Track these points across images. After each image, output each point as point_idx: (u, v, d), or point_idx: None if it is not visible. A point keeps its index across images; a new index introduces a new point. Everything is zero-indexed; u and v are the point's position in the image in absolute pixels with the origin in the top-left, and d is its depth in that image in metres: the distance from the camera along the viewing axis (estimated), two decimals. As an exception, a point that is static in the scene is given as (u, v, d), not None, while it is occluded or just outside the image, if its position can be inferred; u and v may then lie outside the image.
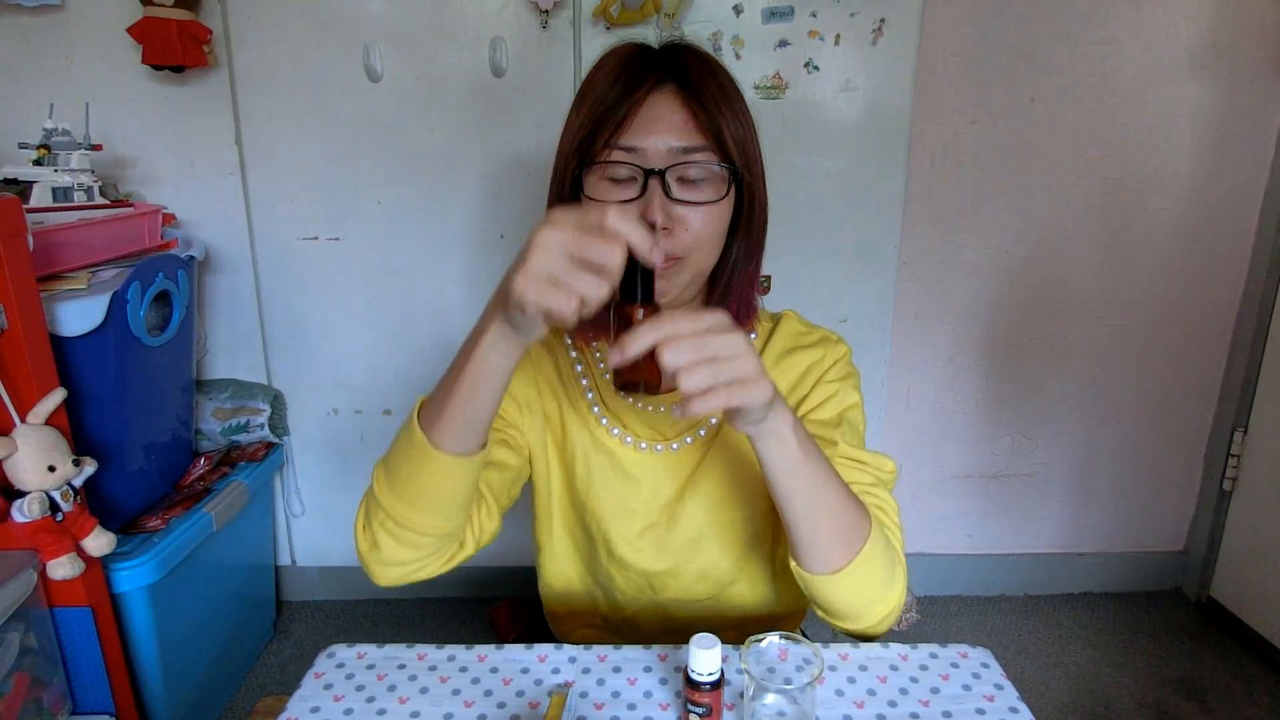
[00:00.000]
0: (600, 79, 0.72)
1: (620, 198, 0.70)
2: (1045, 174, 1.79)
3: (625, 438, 0.84)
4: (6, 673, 1.12)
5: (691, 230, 0.70)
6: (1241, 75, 1.74)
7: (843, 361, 0.83)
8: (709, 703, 0.64)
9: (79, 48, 1.62)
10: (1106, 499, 2.04)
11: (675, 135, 0.69)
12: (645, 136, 0.69)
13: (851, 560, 0.68)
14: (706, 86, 0.70)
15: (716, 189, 0.71)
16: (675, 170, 0.69)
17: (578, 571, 0.90)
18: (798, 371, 0.83)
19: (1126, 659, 1.83)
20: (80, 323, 1.25)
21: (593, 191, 0.72)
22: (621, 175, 0.70)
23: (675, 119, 0.69)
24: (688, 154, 0.69)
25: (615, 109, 0.69)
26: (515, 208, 1.75)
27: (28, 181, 1.37)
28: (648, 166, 0.69)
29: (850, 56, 1.65)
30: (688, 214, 0.70)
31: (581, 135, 0.71)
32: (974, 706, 0.70)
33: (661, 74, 0.71)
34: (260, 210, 1.75)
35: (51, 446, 1.15)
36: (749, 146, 0.73)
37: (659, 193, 0.69)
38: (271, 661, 1.83)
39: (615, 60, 0.72)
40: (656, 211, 0.68)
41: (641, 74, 0.70)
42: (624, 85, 0.70)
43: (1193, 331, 1.92)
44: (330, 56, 1.65)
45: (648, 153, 0.69)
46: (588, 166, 0.71)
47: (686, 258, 0.71)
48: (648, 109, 0.69)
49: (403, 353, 1.85)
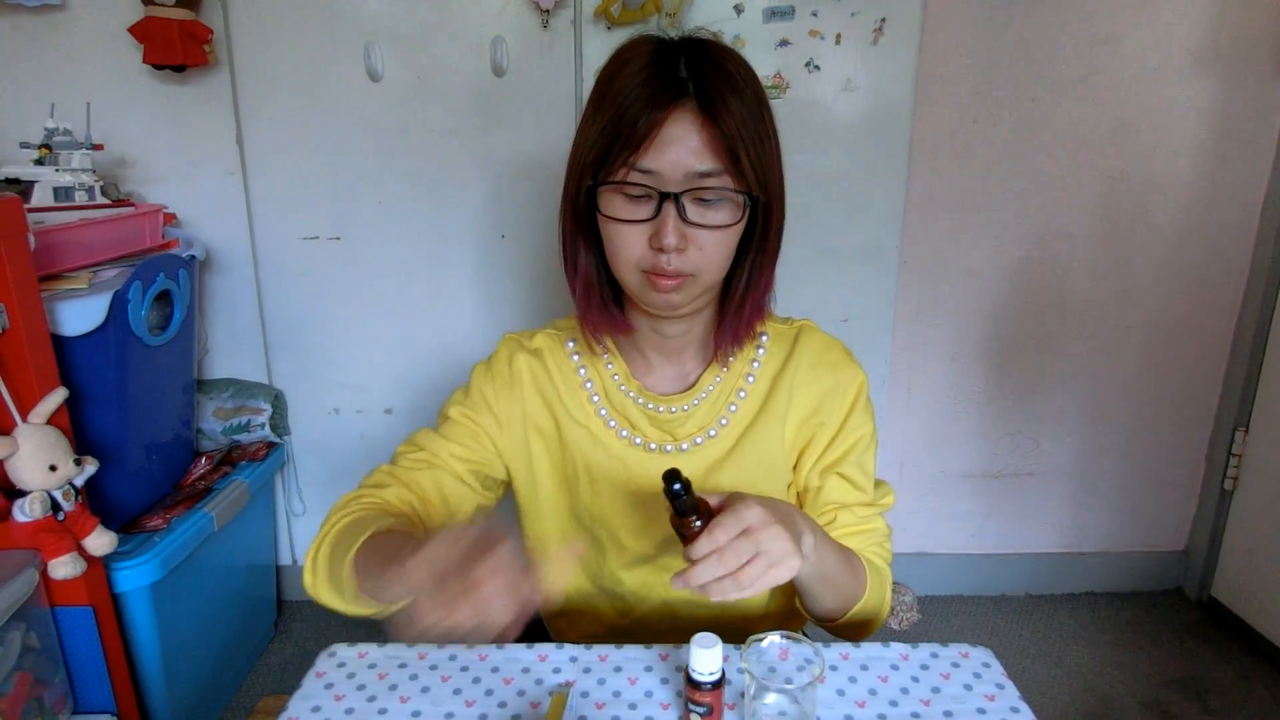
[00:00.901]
0: (621, 85, 0.69)
1: (635, 216, 0.71)
2: (1046, 173, 1.79)
3: (634, 439, 0.83)
4: (8, 672, 1.12)
5: (704, 250, 0.71)
6: (1242, 75, 1.74)
7: (864, 391, 0.85)
8: (710, 702, 0.64)
9: (80, 47, 1.62)
10: (1107, 499, 2.04)
11: (693, 157, 0.68)
12: (662, 159, 0.68)
13: (848, 611, 0.80)
14: (727, 105, 0.68)
15: (731, 213, 0.71)
16: (691, 194, 0.69)
17: (577, 584, 0.90)
18: (821, 392, 0.83)
19: (1127, 659, 1.83)
20: (81, 322, 1.25)
21: (607, 208, 0.72)
22: (637, 194, 0.70)
23: (693, 141, 0.68)
24: (703, 178, 0.69)
25: (635, 127, 0.68)
26: (516, 207, 1.75)
27: (29, 181, 1.37)
28: (664, 190, 0.69)
29: (851, 56, 1.64)
30: (700, 234, 0.70)
31: (598, 150, 0.71)
32: (975, 706, 0.70)
33: (682, 89, 0.69)
34: (261, 210, 1.75)
35: (53, 446, 1.15)
36: (768, 166, 0.72)
37: (673, 215, 0.69)
38: (272, 661, 1.83)
39: (637, 64, 0.70)
40: (670, 234, 0.69)
41: (662, 88, 0.68)
42: (645, 101, 0.68)
43: (1194, 330, 1.92)
44: (331, 56, 1.65)
45: (664, 176, 0.69)
46: (603, 186, 0.71)
47: (697, 276, 0.72)
48: (667, 130, 0.68)
49: (403, 352, 1.85)
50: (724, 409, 0.83)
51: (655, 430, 0.83)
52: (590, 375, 0.85)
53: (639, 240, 0.71)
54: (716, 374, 0.83)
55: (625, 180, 0.70)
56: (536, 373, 0.86)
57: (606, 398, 0.84)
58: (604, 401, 0.84)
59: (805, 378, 0.83)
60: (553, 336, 0.87)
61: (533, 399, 0.85)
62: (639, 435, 0.83)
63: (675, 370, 0.84)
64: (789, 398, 0.83)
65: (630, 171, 0.69)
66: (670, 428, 0.83)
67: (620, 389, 0.84)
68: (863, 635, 0.83)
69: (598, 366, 0.85)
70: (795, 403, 0.83)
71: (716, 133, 0.68)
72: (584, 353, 0.86)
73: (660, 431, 0.83)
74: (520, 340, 0.88)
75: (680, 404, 0.82)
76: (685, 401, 0.82)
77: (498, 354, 0.88)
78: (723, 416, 0.83)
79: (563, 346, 0.87)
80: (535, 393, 0.85)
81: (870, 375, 0.88)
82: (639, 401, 0.83)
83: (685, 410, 0.82)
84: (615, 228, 0.72)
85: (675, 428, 0.83)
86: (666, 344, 0.82)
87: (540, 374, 0.86)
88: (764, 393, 0.83)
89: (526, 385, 0.85)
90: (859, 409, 0.83)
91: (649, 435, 0.83)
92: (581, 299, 0.80)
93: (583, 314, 0.81)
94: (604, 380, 0.85)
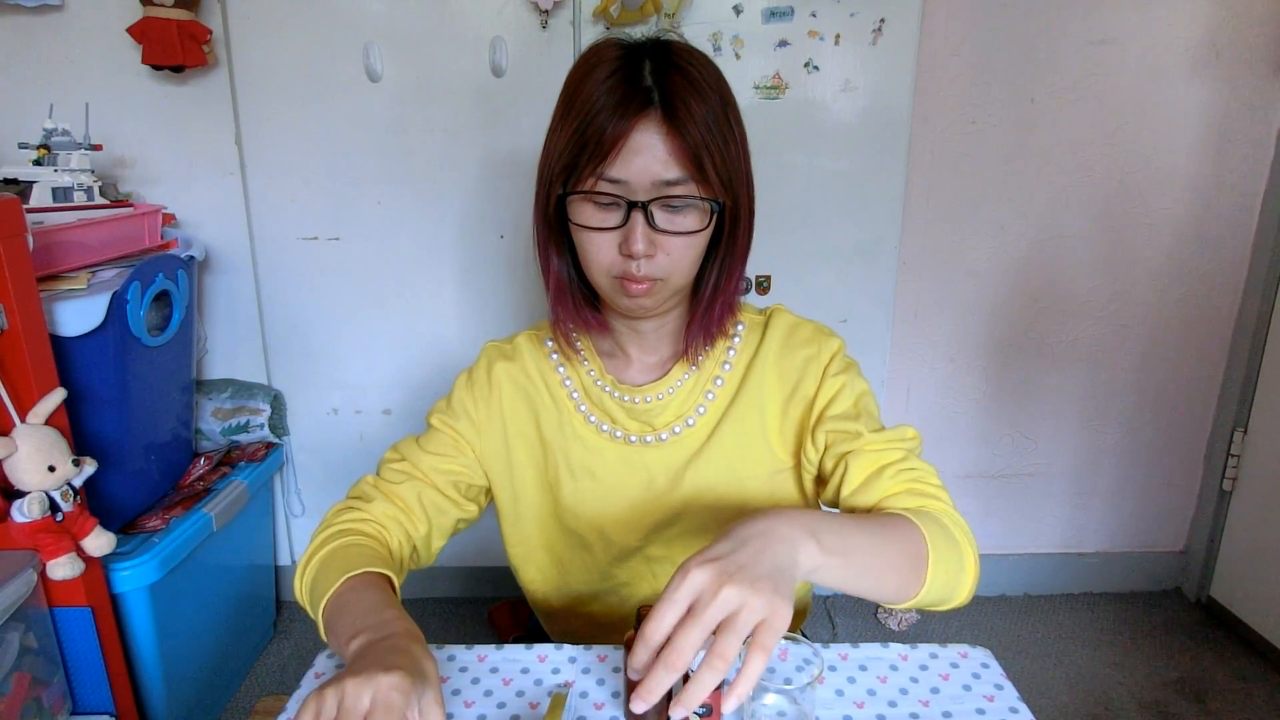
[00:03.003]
0: (588, 93, 0.70)
1: (604, 224, 0.72)
2: (1045, 173, 1.79)
3: (615, 432, 0.84)
4: (6, 673, 1.12)
5: (672, 256, 0.73)
6: (1241, 75, 1.74)
7: (840, 353, 0.84)
8: (709, 703, 0.64)
9: (79, 48, 1.62)
10: (1106, 499, 2.04)
11: (660, 166, 0.69)
12: (629, 168, 0.69)
13: (924, 580, 0.66)
14: (691, 112, 0.69)
15: (698, 219, 0.73)
16: (658, 202, 0.71)
17: (569, 589, 0.91)
18: (796, 366, 0.83)
19: (1126, 659, 1.83)
20: (80, 323, 1.25)
21: (577, 216, 0.74)
22: (605, 202, 0.72)
23: (659, 150, 0.69)
24: (670, 186, 0.70)
25: (601, 137, 0.69)
26: (515, 207, 1.75)
27: (28, 181, 1.37)
28: (632, 199, 0.70)
29: (850, 56, 1.64)
30: (668, 240, 0.72)
31: (566, 159, 0.72)
32: (974, 706, 0.70)
33: (647, 97, 0.69)
34: (260, 210, 1.75)
35: (51, 446, 1.15)
36: (734, 169, 0.73)
37: (641, 223, 0.71)
38: (271, 661, 1.83)
39: (604, 71, 0.70)
40: (639, 241, 0.70)
41: (628, 96, 0.69)
42: (610, 110, 0.69)
43: (1193, 331, 1.92)
44: (330, 56, 1.65)
45: (632, 185, 0.70)
46: (572, 195, 0.73)
47: (666, 280, 0.74)
48: (633, 139, 0.69)
49: (402, 352, 1.85)
50: (701, 397, 0.84)
51: (634, 422, 0.84)
52: (569, 374, 0.87)
53: (609, 247, 0.73)
54: (691, 363, 0.85)
55: (594, 191, 0.71)
56: (515, 376, 0.87)
57: (585, 394, 0.86)
58: (583, 398, 0.86)
59: (776, 361, 0.84)
60: (532, 338, 0.90)
61: (513, 404, 0.87)
62: (619, 429, 0.84)
63: (652, 361, 0.86)
64: (761, 383, 0.83)
65: (599, 181, 0.71)
66: (648, 418, 0.84)
67: (597, 384, 0.85)
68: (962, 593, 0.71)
69: (575, 364, 0.87)
70: (770, 387, 0.83)
71: (681, 142, 0.69)
72: (561, 351, 0.87)
73: (639, 423, 0.84)
74: (500, 347, 0.90)
75: (654, 393, 0.84)
76: (659, 390, 0.84)
77: (478, 363, 0.89)
78: (700, 405, 0.84)
79: (541, 346, 0.89)
80: (515, 397, 0.87)
81: (870, 375, 0.88)
82: (614, 395, 0.84)
83: (660, 399, 0.84)
84: (586, 236, 0.74)
85: (653, 417, 0.84)
86: (643, 339, 0.85)
87: (520, 377, 0.87)
88: (739, 380, 0.84)
89: (506, 392, 0.87)
90: (834, 369, 0.82)
91: (628, 428, 0.84)
92: (556, 302, 0.82)
93: (557, 317, 0.83)
94: (581, 377, 0.86)
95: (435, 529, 0.84)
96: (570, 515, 0.87)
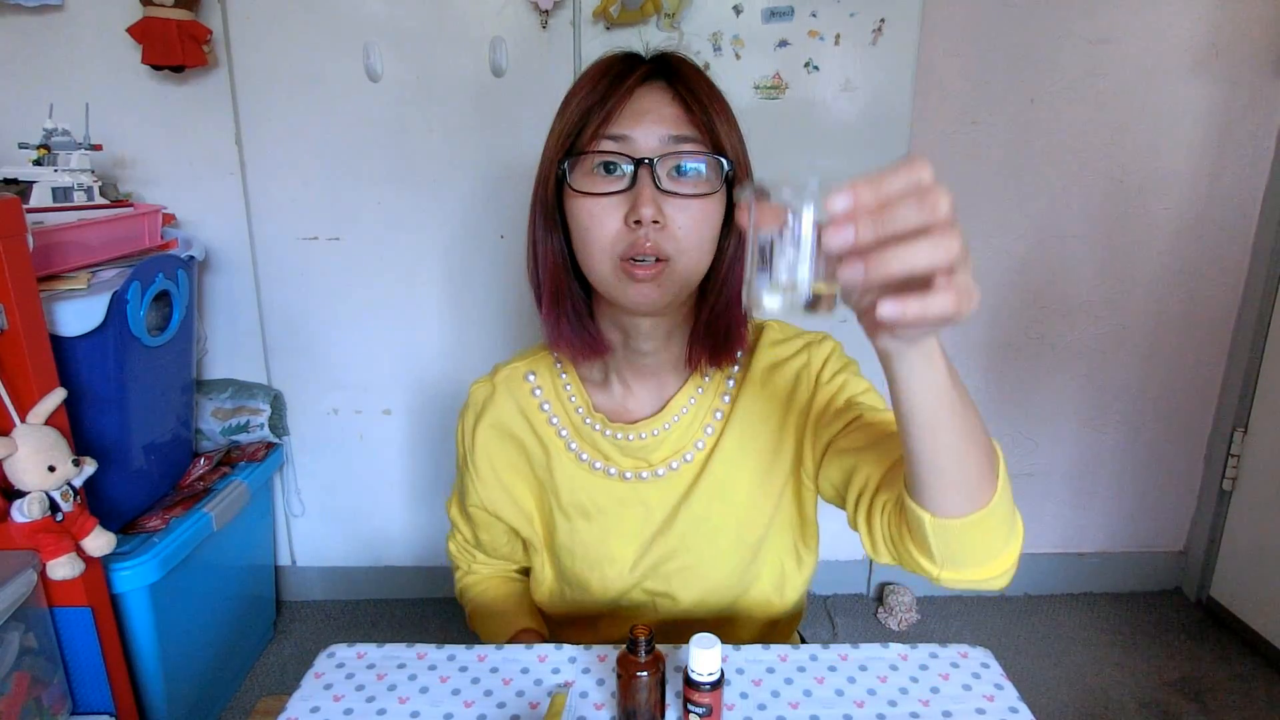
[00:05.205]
0: (584, 81, 0.70)
1: (607, 189, 0.67)
2: (1045, 174, 1.79)
3: (609, 469, 0.81)
4: (6, 672, 1.12)
5: (682, 229, 0.66)
6: (1241, 75, 1.74)
7: (834, 355, 0.79)
8: (709, 703, 0.64)
9: (79, 48, 1.62)
10: (1106, 499, 2.04)
11: (667, 124, 0.67)
12: (635, 126, 0.66)
13: (994, 493, 0.56)
14: (698, 83, 0.69)
15: (709, 184, 0.68)
16: (667, 160, 0.66)
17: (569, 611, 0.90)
18: (787, 380, 0.79)
19: (1126, 659, 1.83)
20: (80, 323, 1.25)
21: (578, 184, 0.68)
22: (609, 162, 0.67)
23: (665, 111, 0.68)
24: (679, 143, 0.67)
25: (602, 102, 0.67)
26: (515, 208, 1.75)
27: (28, 181, 1.37)
28: (638, 156, 0.66)
29: (850, 56, 1.64)
30: (677, 213, 0.66)
31: (567, 129, 0.69)
32: (974, 706, 0.70)
33: (649, 70, 0.69)
34: (260, 210, 1.75)
35: (51, 446, 1.15)
36: (742, 148, 0.72)
37: (649, 184, 0.65)
38: (271, 661, 1.83)
39: (600, 64, 0.71)
40: (647, 203, 0.64)
41: (628, 69, 0.69)
42: (610, 80, 0.68)
43: (1193, 331, 1.92)
44: (330, 56, 1.65)
45: (637, 142, 0.66)
46: (574, 157, 0.68)
47: (675, 261, 0.67)
48: (636, 101, 0.67)
49: (402, 353, 1.85)
50: (700, 431, 0.80)
51: (628, 459, 0.80)
52: (555, 410, 0.82)
53: (613, 217, 0.67)
54: (691, 395, 0.80)
55: (596, 151, 0.67)
56: (496, 420, 0.83)
57: (575, 432, 0.82)
58: (573, 435, 0.82)
59: (772, 377, 0.80)
60: (513, 374, 0.84)
61: (501, 450, 0.84)
62: (613, 465, 0.81)
63: (651, 391, 0.81)
64: (752, 406, 0.79)
65: (602, 141, 0.67)
66: (644, 454, 0.80)
67: (586, 422, 0.81)
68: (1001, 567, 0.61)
69: (561, 399, 0.82)
70: (763, 408, 0.79)
71: (691, 101, 0.68)
72: (546, 386, 0.83)
73: (634, 459, 0.80)
74: (476, 392, 0.86)
75: (650, 429, 0.79)
76: (655, 426, 0.79)
77: (463, 416, 0.87)
78: (699, 440, 0.80)
79: (523, 381, 0.84)
80: (500, 443, 0.84)
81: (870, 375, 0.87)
82: (606, 434, 0.80)
83: (656, 435, 0.79)
84: (587, 208, 0.67)
85: (649, 454, 0.80)
86: (641, 365, 0.79)
87: (502, 418, 0.83)
88: (731, 407, 0.80)
89: (490, 438, 0.84)
90: (827, 374, 0.77)
91: (622, 465, 0.80)
92: (550, 307, 0.75)
93: (552, 328, 0.76)
94: (569, 413, 0.82)
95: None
96: (566, 554, 0.84)
